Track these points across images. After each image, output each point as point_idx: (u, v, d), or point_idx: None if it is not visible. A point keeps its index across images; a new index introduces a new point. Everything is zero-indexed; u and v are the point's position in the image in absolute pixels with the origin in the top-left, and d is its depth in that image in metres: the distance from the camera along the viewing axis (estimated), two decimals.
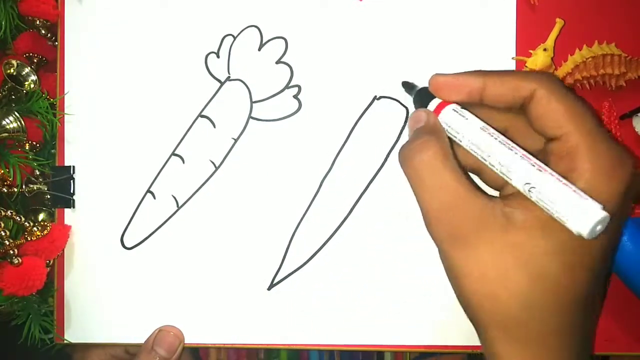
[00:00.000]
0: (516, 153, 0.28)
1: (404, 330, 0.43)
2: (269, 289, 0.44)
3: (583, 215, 0.25)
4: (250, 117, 0.44)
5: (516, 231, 0.27)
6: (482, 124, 0.30)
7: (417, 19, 0.43)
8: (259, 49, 0.44)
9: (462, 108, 0.32)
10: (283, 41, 0.44)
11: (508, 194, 0.30)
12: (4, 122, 0.43)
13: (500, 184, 0.32)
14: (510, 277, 0.27)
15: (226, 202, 0.44)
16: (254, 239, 0.44)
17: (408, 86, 0.38)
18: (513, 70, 0.31)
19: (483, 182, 0.34)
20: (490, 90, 0.30)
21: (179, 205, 0.45)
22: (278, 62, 0.44)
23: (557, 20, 0.42)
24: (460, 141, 0.31)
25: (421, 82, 0.43)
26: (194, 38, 0.45)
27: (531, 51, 0.42)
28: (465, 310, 0.30)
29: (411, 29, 0.43)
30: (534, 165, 0.27)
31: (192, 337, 0.44)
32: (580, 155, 0.27)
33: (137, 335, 0.44)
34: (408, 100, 0.43)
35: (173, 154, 0.45)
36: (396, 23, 0.43)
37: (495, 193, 0.33)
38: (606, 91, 0.42)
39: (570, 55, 0.42)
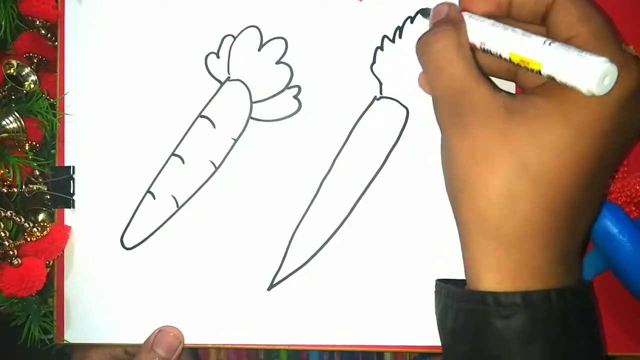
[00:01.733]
0: (530, 34, 0.30)
1: (404, 330, 0.42)
2: (268, 289, 0.44)
3: (589, 69, 0.26)
4: (250, 117, 0.44)
5: (513, 120, 0.28)
6: (490, 21, 0.32)
7: (417, 19, 0.43)
8: (259, 49, 0.44)
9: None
10: (283, 41, 0.44)
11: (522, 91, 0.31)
12: (3, 122, 0.43)
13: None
14: (498, 163, 0.28)
15: (226, 202, 0.44)
16: (253, 239, 0.44)
17: (425, 12, 0.39)
18: None
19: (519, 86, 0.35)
20: (515, 2, 0.31)
21: (179, 206, 0.45)
22: (278, 62, 0.44)
23: None
24: (472, 37, 0.32)
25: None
26: (194, 38, 0.45)
27: None
28: (449, 198, 0.31)
29: (411, 29, 0.43)
30: (545, 42, 0.29)
31: (192, 337, 0.44)
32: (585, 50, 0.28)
33: (136, 335, 0.44)
34: (408, 100, 0.43)
35: (173, 154, 0.45)
36: (396, 23, 0.43)
37: None
38: None
39: None
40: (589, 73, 0.27)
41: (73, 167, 0.45)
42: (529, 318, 0.27)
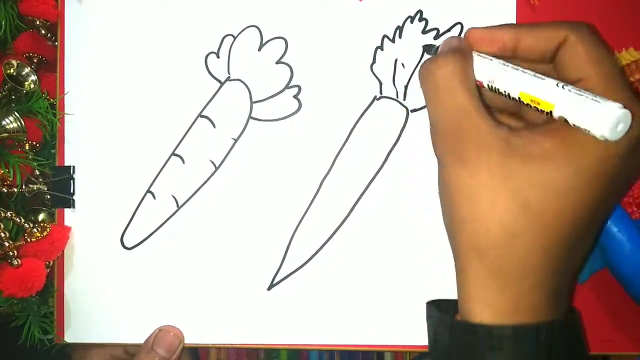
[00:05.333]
0: (535, 74, 0.30)
1: (404, 330, 0.43)
2: (269, 289, 0.44)
3: (604, 115, 0.26)
4: (250, 117, 0.44)
5: (514, 158, 0.28)
6: (499, 60, 0.32)
7: (417, 19, 0.43)
8: (259, 49, 0.45)
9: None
10: (283, 41, 0.44)
11: (525, 125, 0.31)
12: (4, 122, 0.43)
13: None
14: (499, 201, 0.28)
15: (226, 202, 0.44)
16: (253, 239, 0.44)
17: (429, 48, 0.38)
18: (545, 22, 0.31)
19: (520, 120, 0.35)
20: (524, 42, 0.31)
21: (179, 206, 0.45)
22: (278, 62, 0.44)
23: None
24: (480, 74, 0.32)
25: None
26: (194, 38, 0.45)
27: None
28: (447, 230, 0.31)
29: (411, 30, 0.43)
30: (557, 85, 0.28)
31: (192, 337, 0.44)
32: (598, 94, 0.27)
33: (136, 335, 0.44)
34: (408, 100, 0.43)
35: (173, 154, 0.45)
36: (396, 23, 0.43)
37: None
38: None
39: None
40: (605, 119, 0.26)
41: (73, 167, 0.45)
42: (518, 351, 0.28)
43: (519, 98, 0.30)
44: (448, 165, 0.30)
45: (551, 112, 0.28)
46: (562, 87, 0.28)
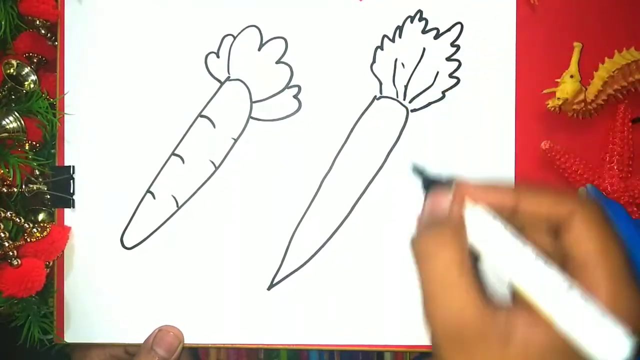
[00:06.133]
0: (537, 260, 0.26)
1: (404, 330, 0.42)
2: (269, 289, 0.44)
3: (611, 346, 0.24)
4: (250, 117, 0.44)
5: (514, 352, 0.27)
6: (498, 222, 0.27)
7: (417, 19, 0.43)
8: (259, 49, 0.45)
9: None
10: (283, 41, 0.44)
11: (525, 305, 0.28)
12: (4, 122, 0.42)
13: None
14: None
15: (226, 202, 0.44)
16: (254, 239, 0.44)
17: (418, 171, 0.32)
18: (552, 190, 0.28)
19: None
20: (523, 209, 0.28)
21: (179, 205, 0.45)
22: (278, 62, 0.44)
23: (575, 44, 0.42)
24: (481, 249, 0.28)
25: (419, 85, 0.44)
26: (194, 38, 0.45)
27: (557, 80, 0.41)
28: None
29: (411, 30, 0.43)
30: (562, 282, 0.25)
31: (192, 337, 0.44)
32: (601, 296, 0.26)
33: (136, 335, 0.44)
34: (408, 100, 0.43)
35: (173, 154, 0.45)
36: (396, 23, 0.43)
37: None
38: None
39: (595, 70, 0.42)
40: (611, 352, 0.24)
41: (73, 167, 0.45)
42: None
43: (513, 286, 0.27)
44: (444, 350, 0.28)
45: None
46: (568, 288, 0.25)
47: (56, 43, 0.46)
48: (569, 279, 0.26)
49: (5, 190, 0.44)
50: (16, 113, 0.43)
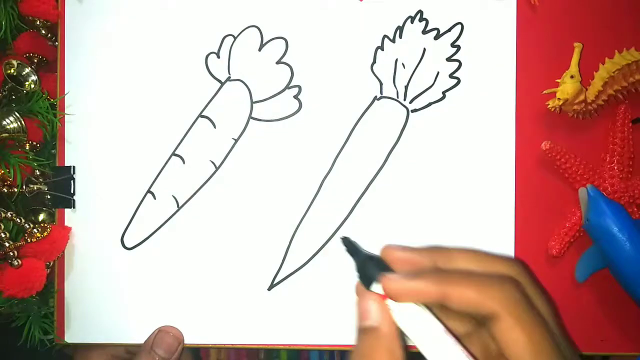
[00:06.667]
0: None
1: None
2: (269, 289, 0.44)
3: None
4: (250, 117, 0.44)
5: None
6: (442, 327, 0.28)
7: (417, 19, 0.43)
8: (259, 49, 0.45)
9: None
10: (283, 41, 0.44)
11: None
12: (4, 122, 0.42)
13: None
14: None
15: (226, 202, 0.44)
16: (254, 239, 0.44)
17: (350, 246, 0.32)
18: (475, 278, 0.28)
19: None
20: (450, 301, 0.27)
21: (179, 206, 0.45)
22: (278, 62, 0.44)
23: (576, 44, 0.42)
24: (406, 332, 0.28)
25: (412, 84, 0.44)
26: (194, 38, 0.45)
27: (558, 80, 0.41)
28: None
29: (411, 30, 0.43)
30: None
31: (192, 337, 0.44)
32: None
33: (137, 335, 0.44)
34: (408, 100, 0.44)
35: (173, 154, 0.45)
36: (396, 23, 0.44)
37: None
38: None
39: (595, 71, 0.42)
40: None
41: (73, 167, 0.45)
42: None
43: None
44: None
45: None
46: None
47: (56, 43, 0.46)
48: None
49: (6, 191, 0.44)
50: (17, 113, 0.43)
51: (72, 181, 0.45)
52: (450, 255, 0.29)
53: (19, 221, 0.44)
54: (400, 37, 0.43)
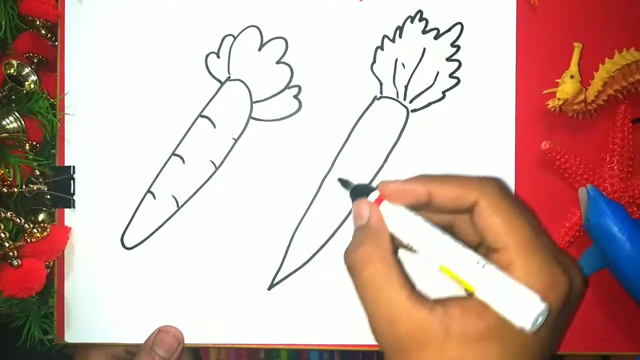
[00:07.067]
0: (461, 248, 0.29)
1: None
2: (269, 288, 0.44)
3: (524, 308, 0.27)
4: (250, 117, 0.44)
5: (453, 344, 0.28)
6: (420, 217, 0.31)
7: (417, 19, 0.43)
8: (259, 49, 0.45)
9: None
10: (283, 41, 0.44)
11: (457, 298, 0.30)
12: (4, 122, 0.42)
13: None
14: None
15: (226, 202, 0.44)
16: (254, 239, 0.44)
17: (344, 183, 0.38)
18: (457, 177, 0.32)
19: None
20: (435, 198, 0.31)
21: (179, 206, 0.45)
22: (278, 62, 0.44)
23: (575, 44, 0.42)
24: (398, 234, 0.32)
25: (413, 90, 0.44)
26: (194, 38, 0.45)
27: (558, 80, 0.41)
28: None
29: (411, 30, 0.43)
30: (478, 263, 0.29)
31: (192, 337, 0.44)
32: (516, 272, 0.28)
33: (137, 335, 0.44)
34: (408, 100, 0.44)
35: (173, 154, 0.45)
36: (396, 23, 0.44)
37: None
38: None
39: (595, 71, 0.42)
40: (524, 313, 0.27)
41: (73, 167, 0.45)
42: None
43: (439, 270, 0.30)
44: (391, 359, 0.30)
45: (472, 293, 0.29)
46: (483, 266, 0.28)
47: (56, 43, 0.46)
48: (483, 258, 0.29)
49: (6, 191, 0.44)
50: (16, 113, 0.43)
51: (72, 181, 0.45)
52: (444, 179, 0.32)
53: (18, 221, 0.44)
54: (400, 37, 0.43)
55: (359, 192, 0.35)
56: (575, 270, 0.30)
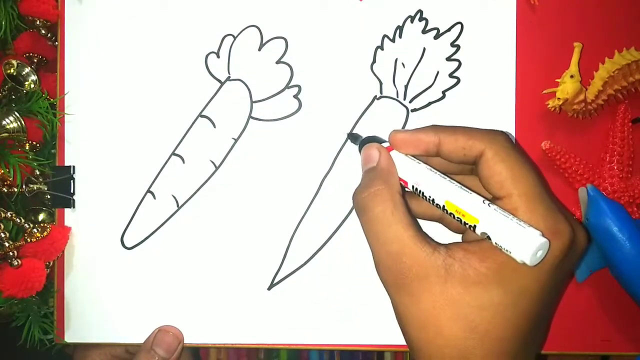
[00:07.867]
0: (467, 190, 0.30)
1: None
2: (269, 288, 0.44)
3: (524, 242, 0.27)
4: (250, 117, 0.44)
5: (454, 284, 0.29)
6: (426, 165, 0.33)
7: (417, 19, 0.43)
8: (259, 49, 0.45)
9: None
10: (283, 41, 0.44)
11: (460, 242, 0.31)
12: (4, 122, 0.43)
13: (462, 230, 0.35)
14: (446, 327, 0.29)
15: (226, 202, 0.44)
16: (254, 239, 0.44)
17: (353, 137, 0.39)
18: (466, 128, 0.32)
19: (447, 228, 0.37)
20: (445, 147, 0.32)
21: (179, 205, 0.45)
22: (278, 62, 0.44)
23: (575, 44, 0.42)
24: (405, 177, 0.33)
25: (412, 91, 0.44)
26: (194, 38, 0.45)
27: (558, 80, 0.41)
28: (409, 350, 0.32)
29: (411, 30, 0.43)
30: (484, 202, 0.29)
31: (192, 337, 0.44)
32: (520, 218, 0.28)
33: (137, 335, 0.44)
34: (408, 100, 0.44)
35: (173, 154, 0.45)
36: (396, 23, 0.44)
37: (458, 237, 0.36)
38: None
39: (595, 71, 0.42)
40: (524, 246, 0.27)
41: (73, 167, 0.45)
42: None
43: (444, 206, 0.31)
44: (395, 295, 0.31)
45: (475, 225, 0.29)
46: (488, 204, 0.29)
47: (56, 43, 0.46)
48: (489, 200, 0.30)
49: (6, 190, 0.44)
50: (16, 113, 0.43)
51: (71, 181, 0.45)
52: (453, 129, 0.33)
53: (18, 221, 0.44)
54: (400, 36, 0.43)
55: (368, 143, 0.35)
56: (577, 224, 0.31)
